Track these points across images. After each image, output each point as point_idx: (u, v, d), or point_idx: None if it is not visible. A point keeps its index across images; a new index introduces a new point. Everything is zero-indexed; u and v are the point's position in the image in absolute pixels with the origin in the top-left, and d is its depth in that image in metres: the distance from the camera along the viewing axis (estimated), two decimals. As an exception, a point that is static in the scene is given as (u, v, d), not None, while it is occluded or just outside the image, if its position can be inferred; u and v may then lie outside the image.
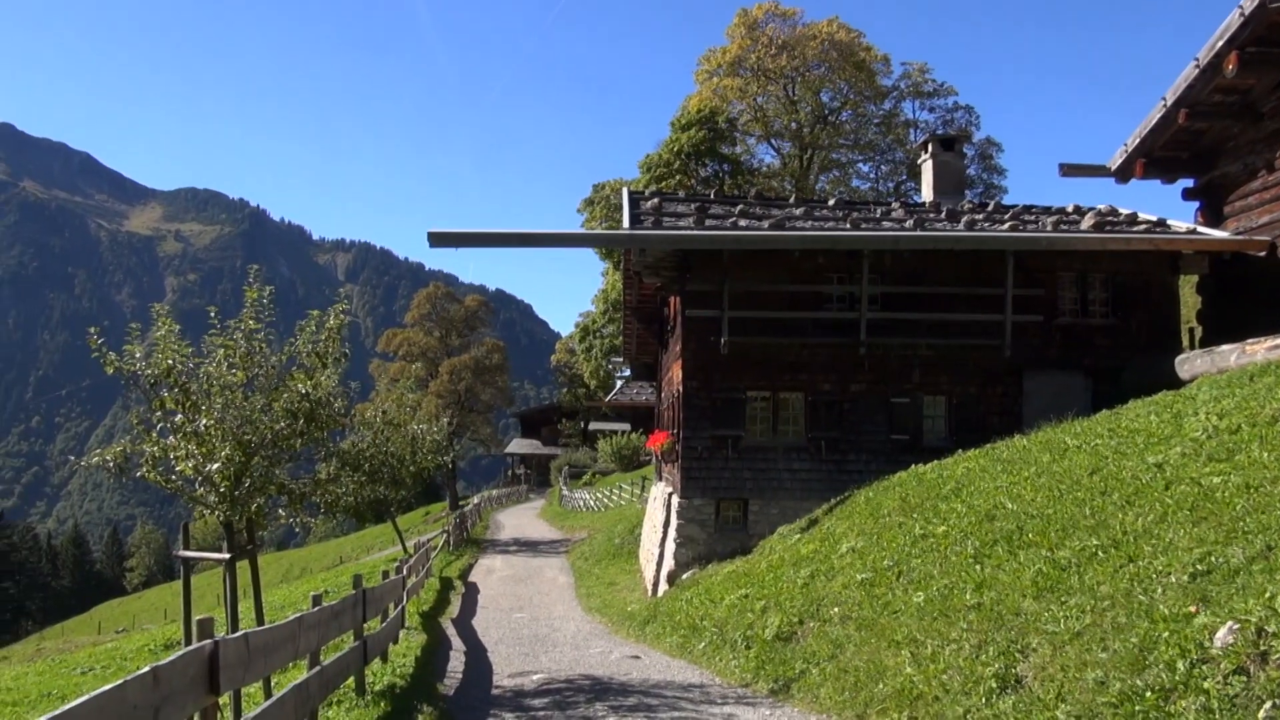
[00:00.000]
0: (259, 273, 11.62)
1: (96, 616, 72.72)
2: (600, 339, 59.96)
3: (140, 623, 54.36)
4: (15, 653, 56.60)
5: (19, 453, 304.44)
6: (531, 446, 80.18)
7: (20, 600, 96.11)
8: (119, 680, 4.15)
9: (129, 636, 32.95)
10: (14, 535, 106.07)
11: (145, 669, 4.38)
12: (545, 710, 9.72)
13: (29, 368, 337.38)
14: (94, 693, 3.87)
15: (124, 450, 10.38)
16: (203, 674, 5.12)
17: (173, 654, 4.92)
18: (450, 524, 36.32)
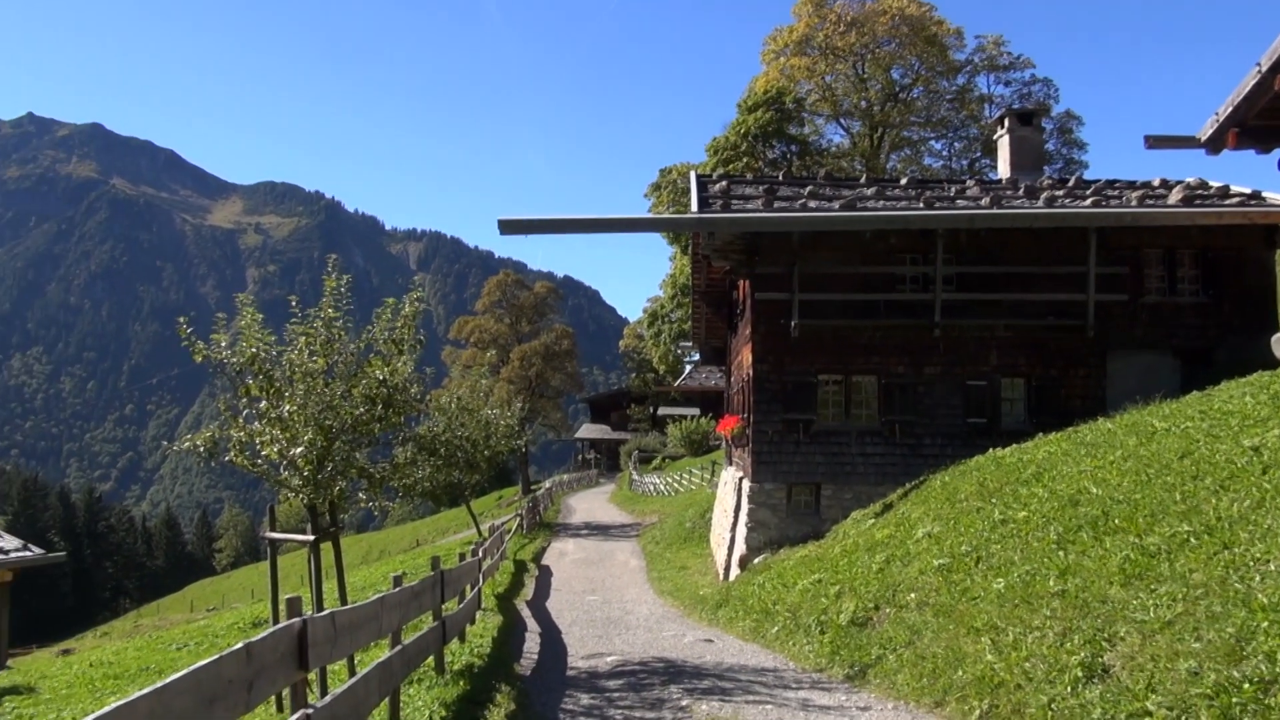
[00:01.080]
0: (336, 262, 11.85)
1: (188, 595, 75.52)
2: (668, 324, 59.96)
3: (229, 601, 56.32)
4: (115, 628, 59.22)
5: (114, 439, 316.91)
6: (601, 431, 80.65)
7: (119, 579, 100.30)
8: (215, 656, 4.27)
9: (219, 614, 34.15)
10: (112, 518, 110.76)
11: (239, 645, 4.51)
12: (620, 692, 9.79)
13: (122, 357, 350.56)
14: (192, 667, 4.00)
15: (213, 436, 10.71)
16: (292, 650, 5.24)
17: (262, 631, 5.07)
18: (523, 508, 36.75)
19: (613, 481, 64.31)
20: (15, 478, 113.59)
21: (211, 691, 4.10)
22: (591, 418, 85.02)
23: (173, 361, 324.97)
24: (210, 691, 4.09)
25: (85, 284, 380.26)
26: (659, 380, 69.51)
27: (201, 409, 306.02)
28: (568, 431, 71.84)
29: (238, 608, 40.22)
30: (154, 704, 3.54)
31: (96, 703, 14.50)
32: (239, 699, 4.41)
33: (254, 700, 4.67)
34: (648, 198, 53.83)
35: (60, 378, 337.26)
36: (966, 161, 51.61)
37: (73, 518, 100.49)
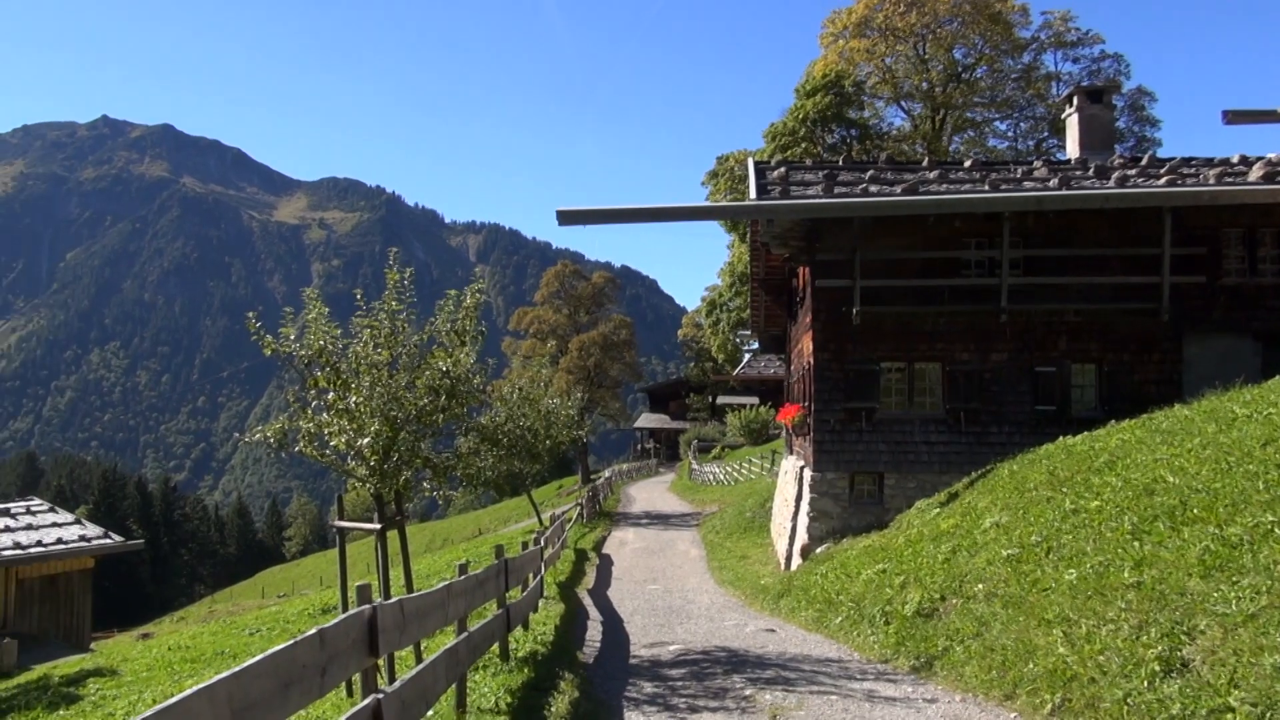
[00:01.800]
0: (398, 256, 11.97)
1: (260, 582, 77.45)
2: (727, 312, 59.68)
3: (299, 588, 57.61)
4: (191, 614, 60.92)
5: (188, 430, 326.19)
6: (660, 421, 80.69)
7: (194, 566, 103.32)
8: (289, 641, 4.36)
9: (290, 601, 34.94)
10: (186, 506, 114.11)
11: (312, 631, 4.60)
12: (683, 680, 9.79)
13: (194, 351, 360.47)
14: (268, 652, 4.10)
15: (282, 427, 10.93)
16: (363, 637, 5.34)
17: (331, 618, 5.16)
18: (583, 497, 36.93)
19: (672, 471, 64.33)
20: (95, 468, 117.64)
21: (287, 675, 4.20)
22: (650, 407, 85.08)
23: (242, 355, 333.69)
24: (286, 675, 4.19)
25: (159, 280, 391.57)
26: (717, 369, 69.27)
27: (270, 401, 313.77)
28: (626, 421, 71.87)
29: (307, 594, 41.13)
30: (233, 687, 3.65)
31: (175, 685, 14.94)
32: (313, 683, 4.52)
33: (327, 685, 4.78)
34: (705, 186, 53.55)
35: (136, 371, 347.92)
36: (1033, 142, 50.38)
37: (150, 507, 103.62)
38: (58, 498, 75.13)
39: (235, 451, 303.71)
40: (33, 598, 34.34)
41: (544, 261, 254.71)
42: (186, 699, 3.32)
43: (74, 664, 24.23)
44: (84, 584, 36.53)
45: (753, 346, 58.16)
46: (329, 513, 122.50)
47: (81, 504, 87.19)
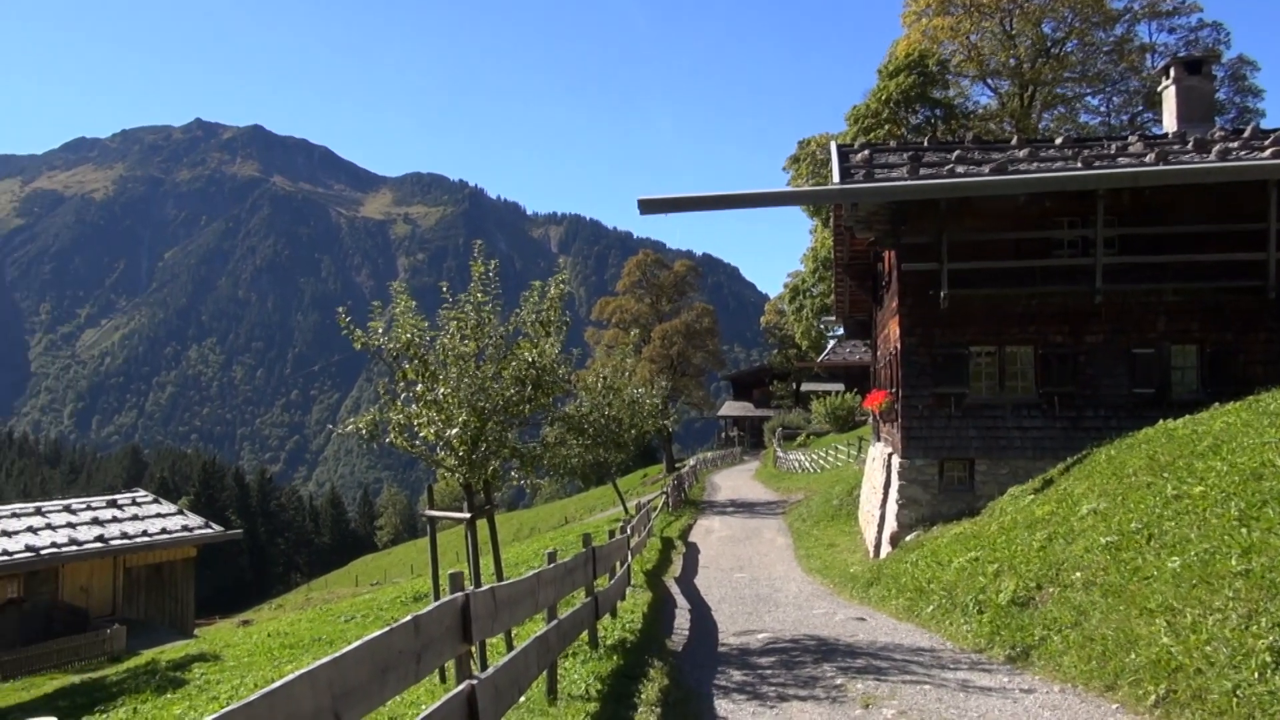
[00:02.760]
0: (482, 248, 12.12)
1: (353, 570, 79.59)
2: (810, 298, 59.03)
3: (390, 576, 59.03)
4: (288, 601, 63.03)
5: (282, 423, 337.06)
6: (743, 409, 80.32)
7: (290, 555, 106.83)
8: (385, 628, 4.46)
9: (382, 589, 35.86)
10: (282, 497, 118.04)
11: (408, 618, 4.71)
12: (772, 669, 9.76)
13: (287, 346, 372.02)
14: (366, 638, 4.19)
15: (373, 419, 11.21)
16: (456, 624, 5.43)
17: (423, 605, 5.27)
18: (668, 486, 37.02)
19: (756, 459, 64.02)
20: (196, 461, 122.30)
21: (384, 661, 4.30)
22: (734, 395, 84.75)
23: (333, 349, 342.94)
24: (383, 661, 4.28)
25: (252, 278, 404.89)
26: (801, 356, 68.63)
27: (360, 393, 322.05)
28: (710, 409, 71.77)
29: (399, 582, 42.09)
30: (333, 672, 3.75)
31: (275, 670, 15.47)
32: (409, 669, 4.61)
33: (422, 670, 4.87)
34: (786, 171, 53.00)
35: (232, 367, 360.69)
36: (1127, 116, 48.53)
37: (247, 497, 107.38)
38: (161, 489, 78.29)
39: (328, 443, 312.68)
40: (140, 585, 35.96)
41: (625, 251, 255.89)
42: (290, 683, 3.42)
43: (179, 649, 25.32)
44: (187, 572, 38.11)
45: (837, 332, 57.41)
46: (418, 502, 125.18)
47: (183, 495, 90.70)
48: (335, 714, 3.73)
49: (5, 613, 31.64)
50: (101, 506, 38.26)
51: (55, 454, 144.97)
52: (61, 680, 24.23)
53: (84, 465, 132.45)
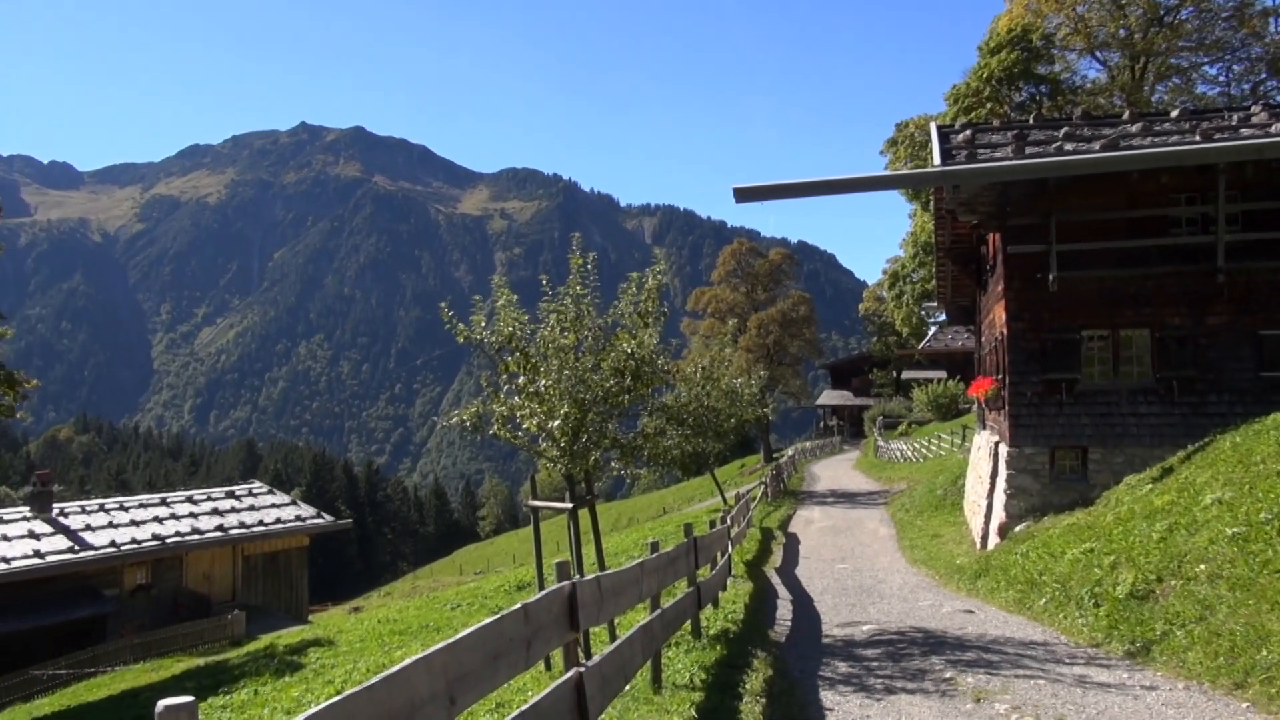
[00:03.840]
0: (580, 241, 12.21)
1: (457, 559, 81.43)
2: (910, 284, 57.79)
3: (493, 565, 60.19)
4: (396, 589, 64.92)
5: (387, 416, 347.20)
6: (842, 398, 79.21)
7: (396, 544, 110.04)
8: (496, 615, 4.55)
9: (486, 578, 36.56)
10: (388, 488, 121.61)
11: (517, 606, 4.79)
12: (879, 661, 9.62)
13: (390, 341, 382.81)
14: (478, 625, 4.29)
15: (477, 411, 11.41)
16: (564, 612, 5.50)
17: (526, 594, 5.35)
18: (766, 476, 36.77)
19: (856, 448, 63.09)
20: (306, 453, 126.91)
21: (495, 648, 4.39)
22: (832, 384, 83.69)
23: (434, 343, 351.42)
24: (494, 648, 4.38)
25: (356, 275, 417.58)
26: (902, 343, 67.30)
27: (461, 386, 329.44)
28: (808, 398, 70.92)
29: (501, 571, 42.88)
30: (447, 658, 3.85)
31: (386, 656, 15.90)
32: (519, 656, 4.70)
33: (532, 657, 4.95)
34: (883, 154, 51.93)
35: (339, 362, 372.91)
36: (1248, 85, 45.91)
37: (356, 489, 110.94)
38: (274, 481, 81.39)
39: (431, 435, 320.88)
40: (257, 573, 37.52)
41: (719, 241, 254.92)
42: (407, 668, 3.51)
43: (295, 634, 26.28)
44: (301, 560, 39.61)
45: (939, 318, 56.13)
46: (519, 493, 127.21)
47: (295, 486, 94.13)
48: (450, 698, 3.82)
49: (135, 597, 33.41)
50: (221, 497, 40.04)
51: (177, 447, 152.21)
52: (188, 662, 25.43)
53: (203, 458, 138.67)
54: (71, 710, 21.64)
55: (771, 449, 67.45)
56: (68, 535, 32.63)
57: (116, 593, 32.88)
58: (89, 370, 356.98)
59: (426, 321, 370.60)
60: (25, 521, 33.16)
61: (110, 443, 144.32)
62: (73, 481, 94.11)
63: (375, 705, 3.24)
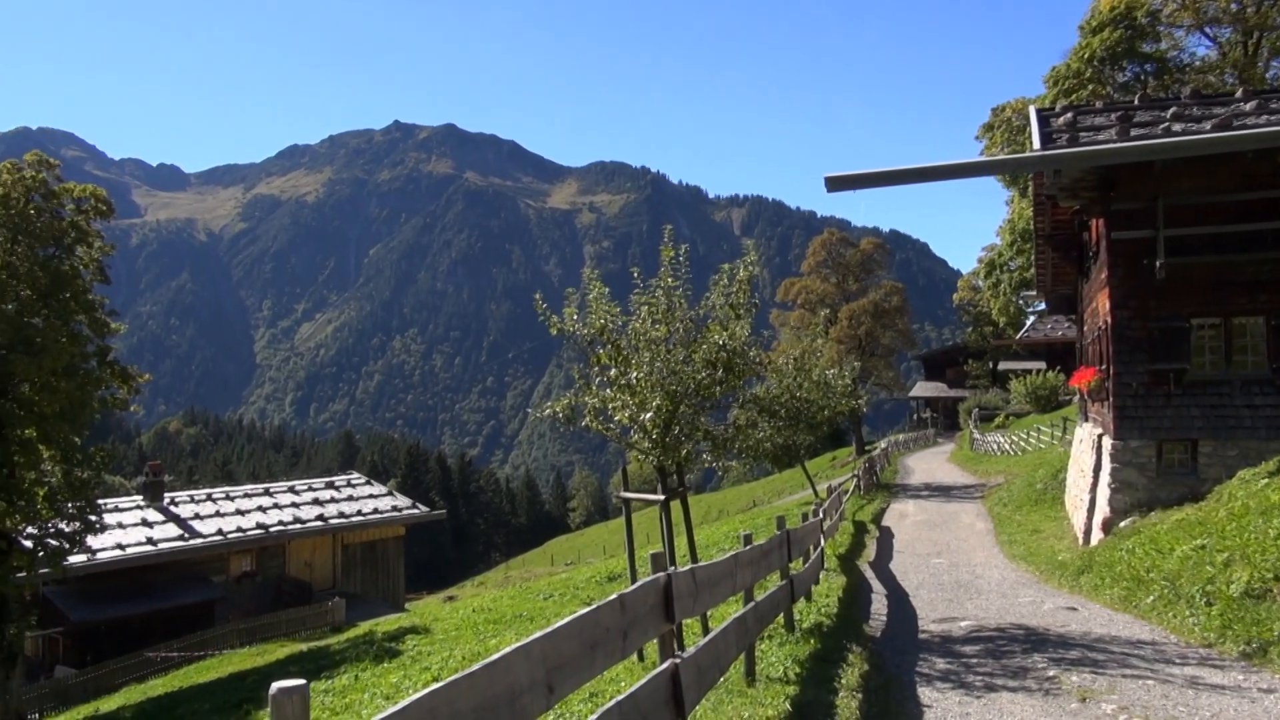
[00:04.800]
0: (671, 233, 12.21)
1: (548, 550, 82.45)
2: (1008, 273, 56.22)
3: (584, 557, 60.76)
4: (489, 579, 66.08)
5: (479, 408, 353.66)
6: (936, 389, 77.55)
7: (489, 535, 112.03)
8: (593, 605, 4.57)
9: (577, 568, 36.98)
10: (480, 479, 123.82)
11: (613, 597, 4.81)
12: (978, 658, 9.41)
13: (481, 335, 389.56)
14: (575, 615, 4.33)
15: (570, 403, 11.53)
16: (659, 603, 5.48)
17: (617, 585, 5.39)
18: (859, 469, 36.25)
19: (951, 441, 61.73)
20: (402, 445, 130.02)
21: (592, 638, 4.41)
22: (925, 375, 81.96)
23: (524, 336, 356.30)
24: (591, 638, 4.40)
25: (448, 270, 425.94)
26: (998, 333, 65.53)
27: (551, 379, 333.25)
28: (900, 390, 69.47)
29: (592, 562, 43.30)
30: (546, 647, 3.89)
31: (481, 644, 16.20)
32: (615, 646, 4.70)
33: (628, 648, 4.95)
34: (979, 140, 50.62)
35: (432, 356, 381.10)
36: (1371, 59, 43.32)
37: (449, 480, 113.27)
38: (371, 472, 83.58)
39: (522, 428, 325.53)
40: (355, 561, 38.64)
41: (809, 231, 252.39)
42: (507, 656, 3.56)
43: (392, 622, 27.00)
44: (398, 549, 40.66)
45: (1038, 308, 54.50)
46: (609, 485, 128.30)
47: (391, 477, 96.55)
48: (549, 686, 3.86)
49: (240, 584, 34.76)
50: (321, 488, 41.35)
51: (279, 439, 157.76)
52: (291, 647, 26.35)
53: (304, 449, 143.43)
54: (183, 691, 22.66)
55: (864, 441, 66.44)
56: (178, 524, 34.14)
57: (223, 579, 34.28)
58: (196, 365, 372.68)
59: (517, 315, 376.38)
60: (139, 510, 34.82)
61: (216, 435, 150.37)
62: (181, 472, 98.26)
63: (477, 692, 3.30)
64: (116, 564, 30.48)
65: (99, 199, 24.38)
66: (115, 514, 32.63)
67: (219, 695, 19.92)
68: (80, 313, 23.17)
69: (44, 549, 22.77)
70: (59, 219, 23.31)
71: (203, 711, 18.09)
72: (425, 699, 3.00)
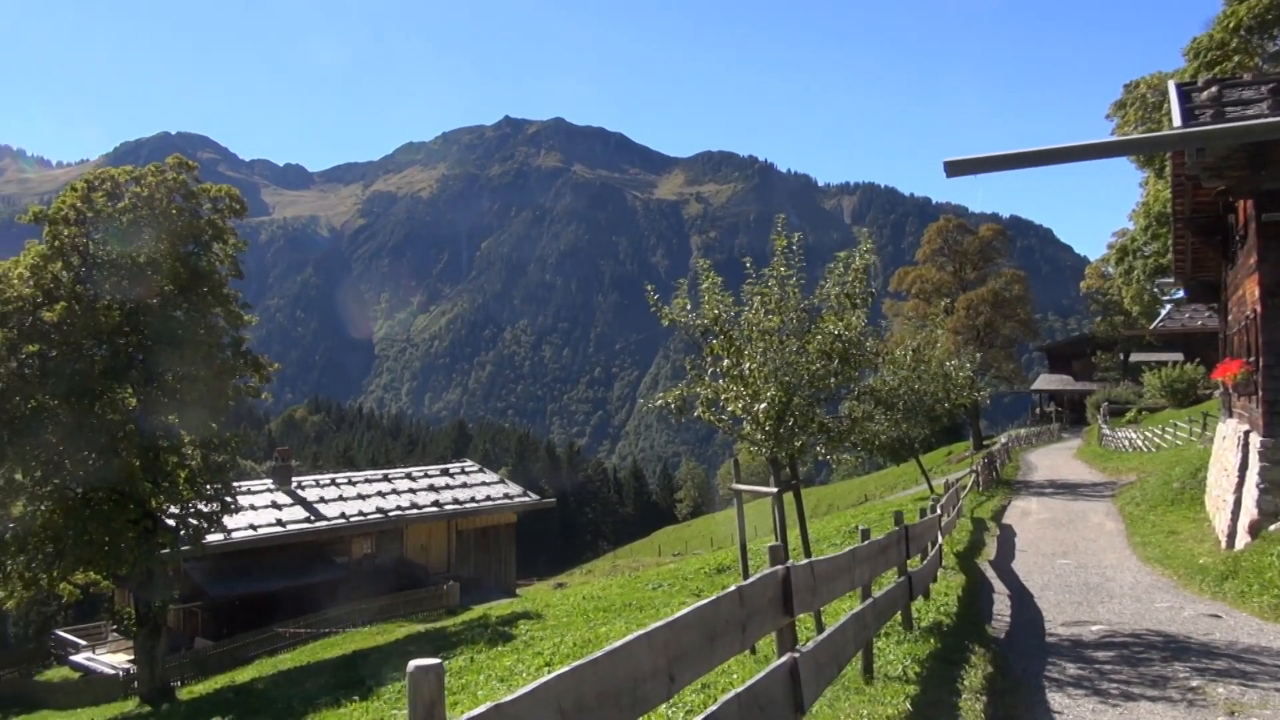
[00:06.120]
0: (785, 223, 11.97)
1: (655, 540, 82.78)
2: (1142, 259, 53.49)
3: (691, 548, 60.73)
4: (596, 567, 66.78)
5: (586, 399, 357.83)
6: (1060, 382, 74.50)
7: (597, 524, 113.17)
8: (712, 597, 4.53)
9: (685, 559, 36.95)
10: (588, 469, 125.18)
11: (732, 589, 4.75)
12: (1112, 664, 8.93)
13: (589, 326, 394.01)
14: (695, 606, 4.29)
15: (681, 393, 11.43)
16: (778, 596, 5.43)
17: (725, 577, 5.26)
18: (977, 464, 35.10)
19: (1077, 436, 59.26)
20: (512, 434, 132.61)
21: (712, 629, 4.41)
22: (1049, 367, 78.81)
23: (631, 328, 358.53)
24: (710, 629, 4.40)
25: (556, 262, 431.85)
26: (1130, 323, 62.57)
27: (658, 370, 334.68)
28: (1021, 383, 66.93)
29: (699, 553, 43.16)
30: (667, 635, 3.91)
31: (592, 631, 16.27)
32: (735, 638, 4.69)
33: (747, 640, 4.93)
34: (1110, 119, 48.35)
35: (541, 347, 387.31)
36: None
37: (558, 469, 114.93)
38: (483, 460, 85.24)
39: (629, 418, 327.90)
40: (469, 547, 39.54)
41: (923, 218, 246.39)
42: (630, 644, 3.58)
43: (505, 606, 27.50)
44: (509, 536, 41.45)
45: (1175, 296, 51.71)
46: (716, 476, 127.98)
47: (502, 465, 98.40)
48: (670, 675, 3.89)
49: (361, 565, 35.96)
50: (436, 474, 42.46)
51: (396, 427, 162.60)
52: (409, 628, 27.10)
53: (419, 437, 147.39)
54: (310, 666, 23.57)
55: (981, 436, 64.40)
56: (305, 506, 35.55)
57: (346, 560, 35.57)
58: (319, 355, 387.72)
59: (624, 306, 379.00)
60: (269, 493, 36.42)
61: (338, 422, 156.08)
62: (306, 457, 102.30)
63: (600, 678, 3.34)
64: (249, 543, 31.99)
65: (233, 198, 25.54)
66: (248, 496, 34.23)
67: (343, 671, 20.60)
68: (217, 306, 24.37)
69: (185, 528, 24.08)
70: (198, 218, 24.56)
71: (329, 686, 18.73)
72: (553, 682, 3.05)
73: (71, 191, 23.76)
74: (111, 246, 23.48)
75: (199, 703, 22.15)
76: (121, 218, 23.37)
